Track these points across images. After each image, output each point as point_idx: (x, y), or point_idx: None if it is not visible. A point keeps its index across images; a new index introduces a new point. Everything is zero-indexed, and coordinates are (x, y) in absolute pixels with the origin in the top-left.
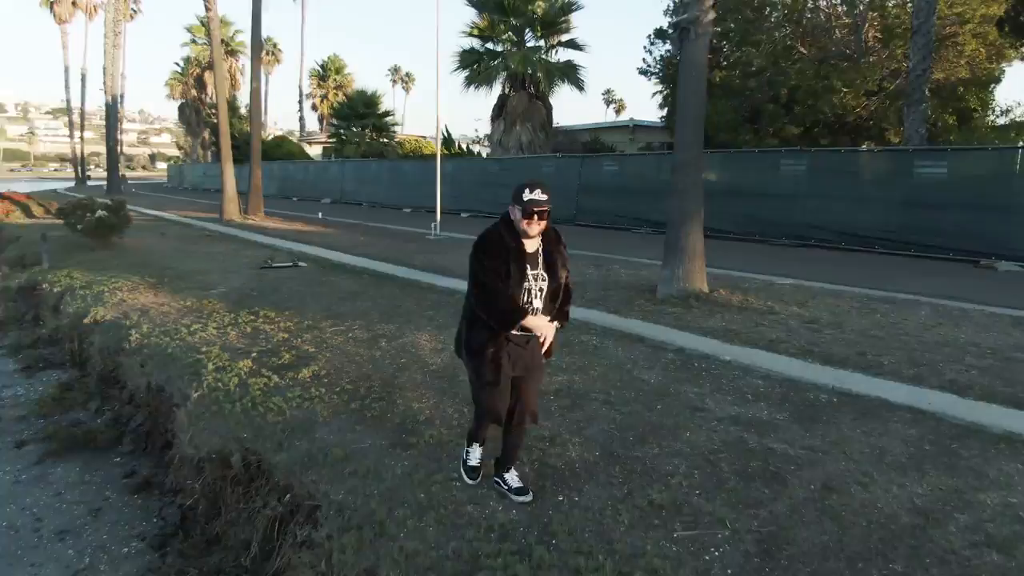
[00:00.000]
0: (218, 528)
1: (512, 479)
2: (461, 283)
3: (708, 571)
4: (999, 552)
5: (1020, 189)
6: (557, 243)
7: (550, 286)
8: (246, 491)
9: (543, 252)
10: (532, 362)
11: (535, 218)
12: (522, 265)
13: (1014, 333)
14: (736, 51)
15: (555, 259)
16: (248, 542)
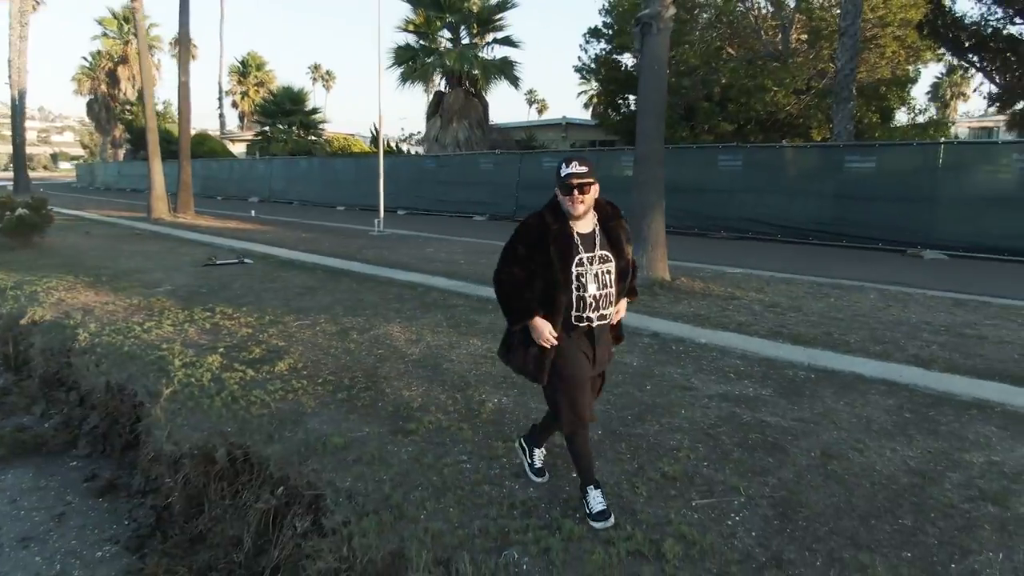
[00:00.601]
0: (201, 526)
1: (590, 499)
2: (421, 277)
3: (733, 534)
4: (994, 504)
5: (942, 182)
6: (616, 217)
7: (618, 266)
8: (232, 486)
9: (602, 230)
10: (606, 352)
11: (576, 192)
12: (565, 248)
13: (957, 312)
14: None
15: (618, 235)
16: (238, 538)
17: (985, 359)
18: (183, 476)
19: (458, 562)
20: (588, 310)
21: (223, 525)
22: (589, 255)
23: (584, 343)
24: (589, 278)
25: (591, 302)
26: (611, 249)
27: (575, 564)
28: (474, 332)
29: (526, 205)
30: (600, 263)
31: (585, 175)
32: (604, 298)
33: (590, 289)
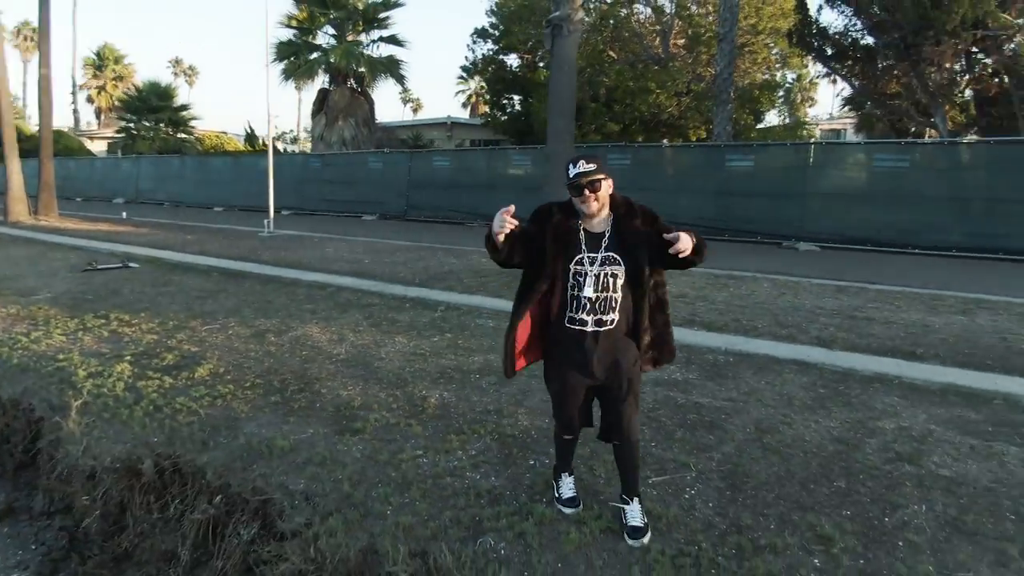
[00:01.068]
0: (126, 543)
1: (630, 512)
2: (328, 277)
3: (692, 506)
4: (910, 464)
5: (813, 179)
6: (631, 217)
7: (627, 270)
8: (161, 499)
9: (613, 232)
10: (613, 363)
11: (586, 192)
12: (564, 242)
13: (842, 297)
14: None
15: (632, 236)
16: (172, 552)
17: (877, 338)
18: (102, 492)
19: (435, 553)
20: (582, 312)
21: (152, 540)
22: (592, 255)
23: (576, 350)
24: (588, 279)
25: (586, 304)
26: (620, 252)
27: (552, 545)
28: (397, 330)
29: (417, 204)
30: (604, 265)
31: (594, 172)
32: (603, 302)
33: (586, 291)
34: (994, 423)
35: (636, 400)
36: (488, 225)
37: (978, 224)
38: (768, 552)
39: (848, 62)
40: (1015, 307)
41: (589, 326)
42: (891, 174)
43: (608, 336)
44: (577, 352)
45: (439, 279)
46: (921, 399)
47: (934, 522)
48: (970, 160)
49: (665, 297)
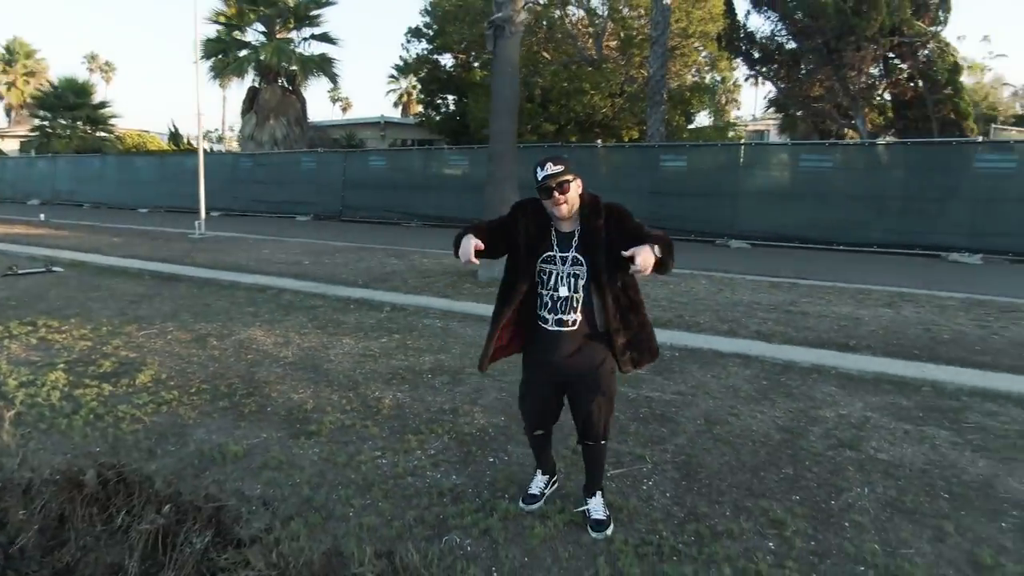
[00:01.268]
0: (67, 557)
1: (592, 507)
2: (268, 279)
3: (651, 497)
4: (851, 449)
5: (744, 179)
6: (594, 217)
7: (588, 271)
8: (105, 510)
9: (579, 231)
10: (580, 363)
11: (555, 194)
12: (533, 238)
13: (776, 293)
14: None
15: (590, 237)
16: (118, 564)
17: (813, 331)
18: (41, 506)
19: (401, 552)
20: (545, 310)
21: (97, 553)
22: (563, 255)
23: (541, 348)
24: (553, 278)
25: (548, 303)
26: (583, 252)
27: (517, 540)
28: (344, 332)
29: (353, 204)
30: (570, 265)
31: (562, 173)
32: (563, 303)
33: (561, 290)
34: (924, 409)
35: (607, 402)
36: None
37: (896, 221)
38: (725, 537)
39: (774, 65)
40: (935, 299)
41: (551, 325)
42: (816, 174)
43: (571, 336)
44: (542, 350)
45: (382, 280)
46: (857, 388)
47: (876, 503)
48: (888, 161)
49: (637, 298)
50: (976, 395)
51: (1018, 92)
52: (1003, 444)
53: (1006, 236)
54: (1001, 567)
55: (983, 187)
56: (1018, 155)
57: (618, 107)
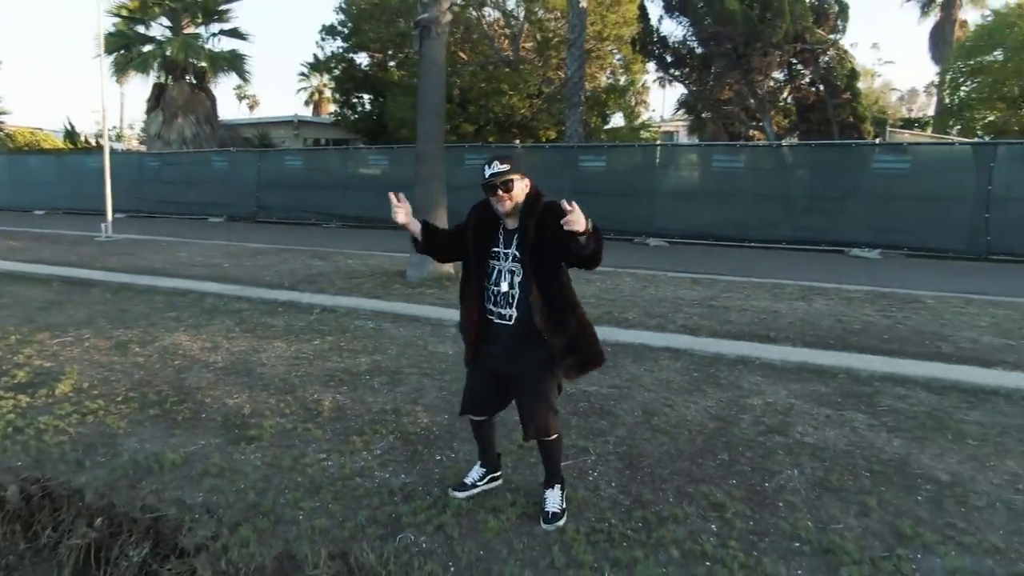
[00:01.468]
0: None
1: (548, 499)
2: (188, 283)
3: (598, 487)
4: (779, 435)
5: (660, 179)
6: (530, 215)
7: (523, 268)
8: (30, 527)
9: (521, 228)
10: (517, 358)
11: (500, 191)
12: (481, 236)
13: (698, 288)
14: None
15: (527, 234)
16: None
17: (735, 324)
18: None
19: (356, 552)
20: (491, 304)
21: (21, 572)
22: (505, 251)
23: (485, 340)
24: (496, 274)
25: (492, 297)
26: (520, 249)
27: (472, 534)
28: (274, 335)
29: (268, 205)
30: (510, 261)
31: (507, 172)
32: (504, 298)
33: (502, 286)
34: (842, 394)
35: (543, 399)
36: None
37: (802, 219)
38: (671, 522)
39: (686, 69)
40: (843, 292)
41: (495, 318)
42: (727, 174)
43: (511, 331)
44: (484, 342)
45: (309, 282)
46: (780, 377)
47: (806, 484)
48: (794, 162)
49: (574, 298)
50: (887, 380)
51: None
52: (914, 424)
53: (902, 232)
54: (920, 536)
55: (880, 186)
56: (911, 157)
57: (536, 108)
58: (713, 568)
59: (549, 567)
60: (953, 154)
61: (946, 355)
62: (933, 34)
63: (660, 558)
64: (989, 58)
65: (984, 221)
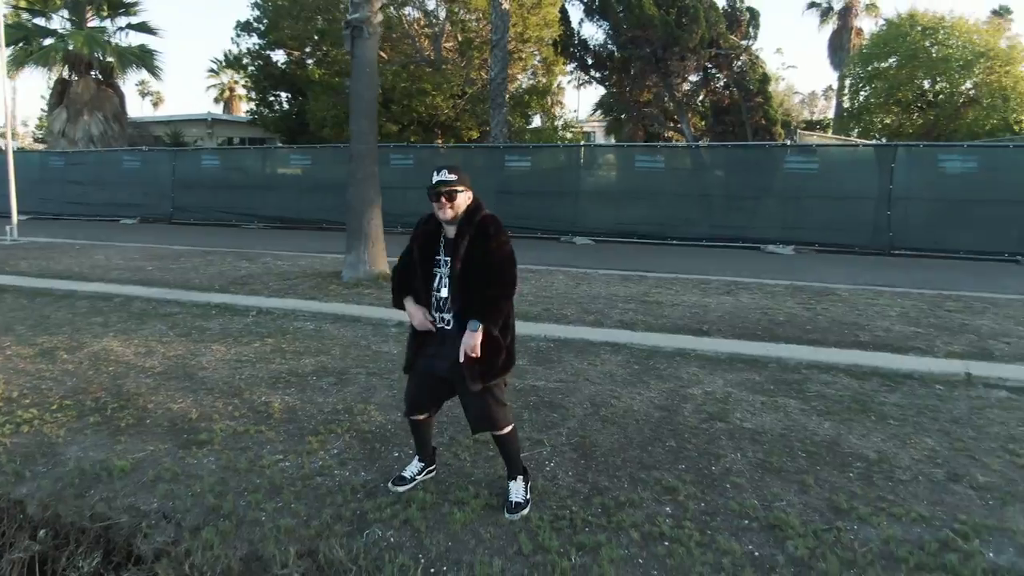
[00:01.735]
0: None
1: (511, 490)
2: (111, 287)
3: (556, 477)
4: (720, 421)
5: (585, 179)
6: (468, 228)
7: (458, 272)
8: None
9: (457, 236)
10: (452, 362)
11: (442, 199)
12: (424, 246)
13: (629, 285)
14: (332, 50)
15: (461, 248)
16: None
17: (669, 318)
18: None
19: (324, 550)
20: (435, 309)
21: None
22: (447, 258)
23: (426, 343)
24: (437, 279)
25: (434, 302)
26: (454, 255)
27: (439, 527)
28: (211, 339)
29: (184, 206)
30: (447, 268)
31: (453, 183)
32: (445, 303)
33: (441, 291)
34: (774, 382)
35: (490, 396)
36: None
37: (720, 217)
38: (628, 507)
39: (605, 71)
40: (764, 287)
41: (437, 322)
42: (649, 174)
43: (449, 335)
44: (426, 344)
45: (240, 284)
46: (715, 367)
47: (748, 466)
48: (712, 162)
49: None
50: (813, 368)
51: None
52: (841, 408)
53: (812, 229)
54: (855, 509)
55: (792, 186)
56: (819, 158)
57: (459, 108)
58: (672, 547)
59: (517, 554)
60: (858, 156)
61: (864, 343)
62: (832, 41)
63: (622, 540)
64: (884, 65)
65: (887, 218)
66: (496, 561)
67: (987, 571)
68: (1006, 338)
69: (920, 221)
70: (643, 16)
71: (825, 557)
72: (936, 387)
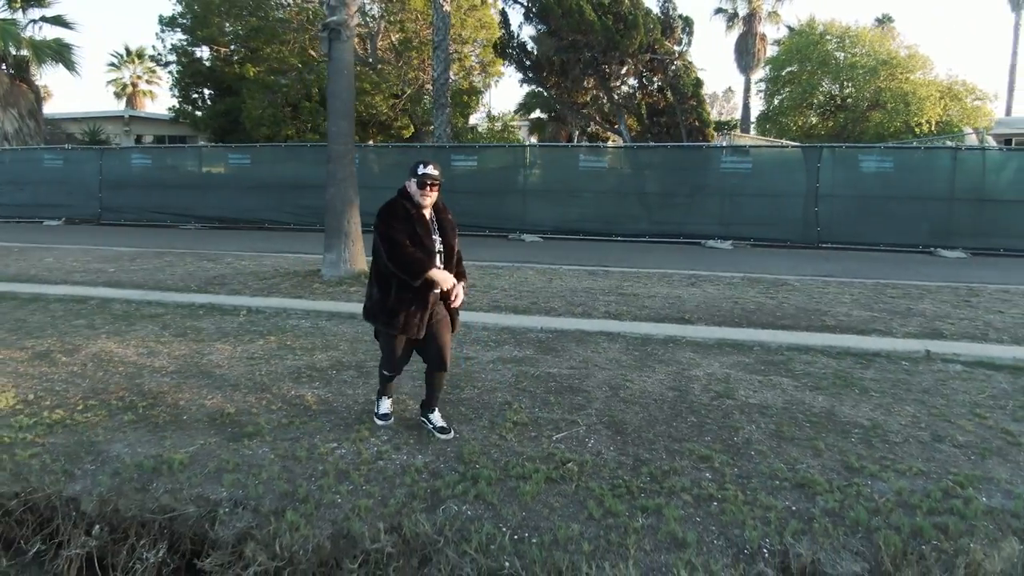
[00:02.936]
0: None
1: (436, 419)
2: (78, 289)
3: (599, 452)
4: (729, 398)
5: (530, 177)
6: (445, 211)
7: (445, 246)
8: (8, 543)
9: (435, 219)
10: (441, 314)
11: (428, 188)
12: (425, 227)
13: (599, 279)
14: (265, 48)
15: (445, 225)
16: None
17: (650, 309)
18: None
19: (408, 525)
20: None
21: None
22: (435, 236)
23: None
24: (438, 251)
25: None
26: (440, 233)
27: (511, 500)
28: (210, 338)
29: (113, 207)
30: (439, 243)
31: (437, 177)
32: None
33: (438, 262)
34: (763, 363)
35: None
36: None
37: (661, 214)
38: (672, 474)
39: (544, 73)
40: (723, 279)
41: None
42: (592, 173)
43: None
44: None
45: (217, 284)
46: (707, 352)
47: (764, 435)
48: (652, 162)
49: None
50: (793, 349)
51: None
52: (828, 383)
53: (747, 225)
54: (865, 468)
55: (728, 184)
56: (752, 158)
57: (397, 108)
58: (722, 506)
59: (589, 519)
60: (787, 156)
61: (831, 327)
62: (738, 45)
63: (677, 502)
64: (797, 69)
65: (815, 214)
66: (573, 526)
67: (985, 511)
68: (949, 319)
69: (844, 217)
70: (583, 22)
71: (854, 507)
72: (902, 363)
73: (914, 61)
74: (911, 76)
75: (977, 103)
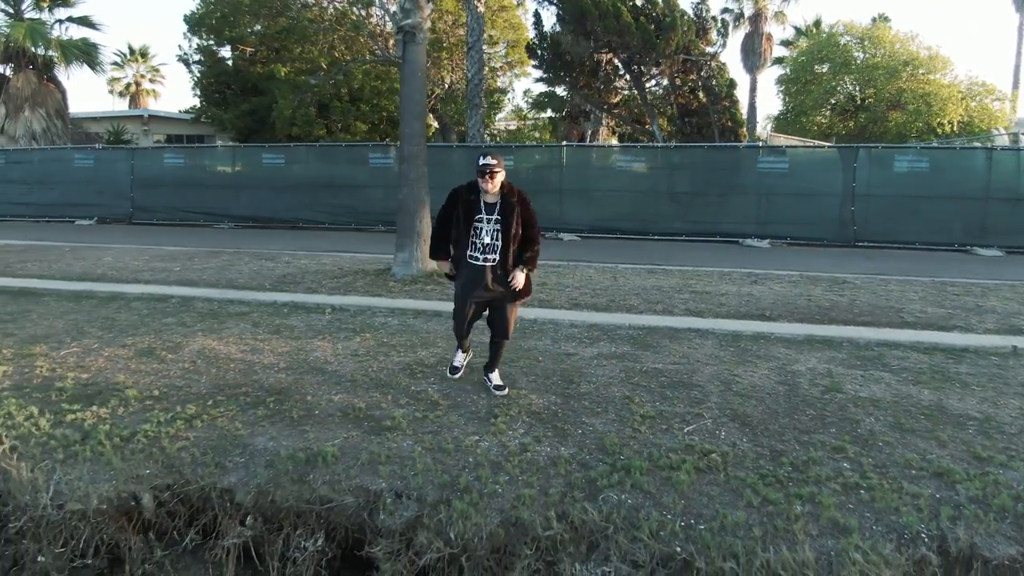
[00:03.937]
0: None
1: (495, 378)
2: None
3: (735, 443)
4: (838, 392)
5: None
6: (511, 196)
7: (503, 226)
8: (160, 534)
9: (501, 204)
10: (495, 289)
11: (487, 176)
12: (469, 211)
13: (660, 277)
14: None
15: (509, 209)
16: None
17: (728, 306)
18: (75, 542)
19: (575, 513)
20: (477, 252)
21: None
22: (489, 216)
23: (475, 275)
24: (484, 232)
25: (481, 247)
26: (502, 214)
27: (664, 489)
28: (306, 335)
29: (146, 206)
30: (495, 224)
31: (494, 166)
32: (491, 247)
33: (484, 239)
34: (857, 359)
35: (515, 313)
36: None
37: (698, 213)
38: (811, 464)
39: (575, 73)
40: (781, 277)
41: (479, 261)
42: (629, 173)
43: (491, 269)
44: (477, 278)
45: (290, 283)
46: (799, 347)
47: (885, 427)
48: (689, 162)
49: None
50: (882, 345)
51: None
52: (928, 378)
53: (783, 224)
54: (993, 457)
55: (765, 184)
56: (789, 158)
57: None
58: (871, 492)
59: (748, 505)
60: (823, 156)
61: (911, 323)
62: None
63: (826, 490)
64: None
65: (851, 213)
66: (737, 513)
67: None
68: (1022, 316)
69: (880, 216)
70: (620, 24)
71: (997, 495)
72: (992, 359)
73: (936, 62)
74: (932, 77)
75: (996, 104)
